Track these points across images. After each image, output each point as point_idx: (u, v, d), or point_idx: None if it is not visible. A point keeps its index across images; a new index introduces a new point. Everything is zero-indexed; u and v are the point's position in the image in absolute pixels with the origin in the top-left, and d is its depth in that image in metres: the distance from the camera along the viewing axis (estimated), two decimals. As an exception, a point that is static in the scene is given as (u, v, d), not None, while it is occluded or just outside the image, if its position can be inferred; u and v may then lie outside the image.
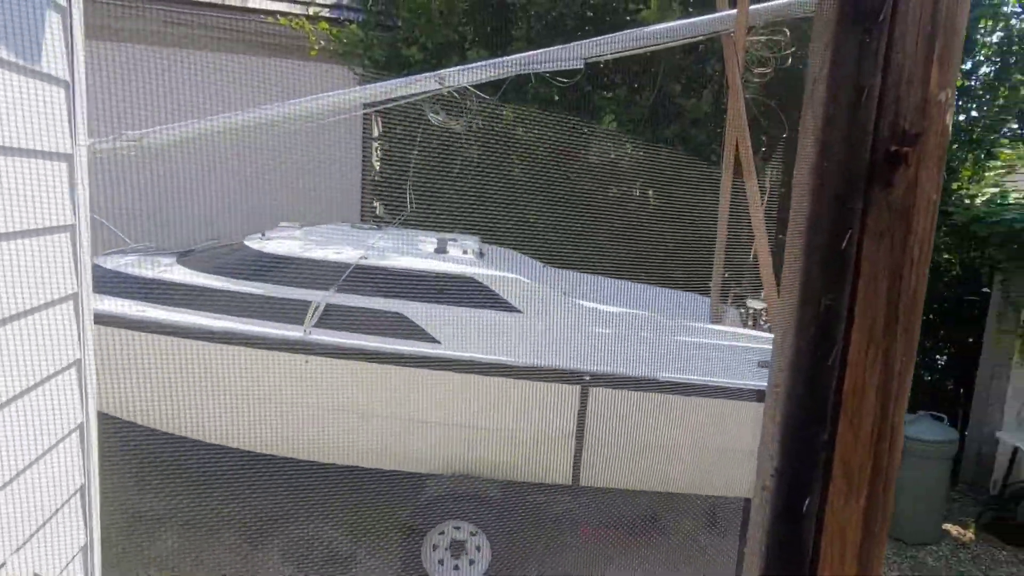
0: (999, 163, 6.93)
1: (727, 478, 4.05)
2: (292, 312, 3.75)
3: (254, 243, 4.19)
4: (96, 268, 3.83)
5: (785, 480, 0.66)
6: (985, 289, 6.32)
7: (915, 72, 0.60)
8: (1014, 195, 5.45)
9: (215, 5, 6.02)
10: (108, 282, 3.85)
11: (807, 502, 0.65)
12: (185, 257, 4.30)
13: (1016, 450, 5.41)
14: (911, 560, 4.80)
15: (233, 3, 6.13)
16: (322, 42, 5.82)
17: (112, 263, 4.07)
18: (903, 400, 0.68)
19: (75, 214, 1.85)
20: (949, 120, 0.64)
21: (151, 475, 4.03)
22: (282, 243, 4.20)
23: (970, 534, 5.24)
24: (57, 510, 1.84)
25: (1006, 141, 6.69)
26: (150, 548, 3.96)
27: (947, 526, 5.29)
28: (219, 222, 4.98)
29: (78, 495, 2.00)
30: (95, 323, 2.09)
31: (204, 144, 4.20)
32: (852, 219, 0.62)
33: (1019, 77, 6.21)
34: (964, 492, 6.00)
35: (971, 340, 6.37)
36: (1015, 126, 6.63)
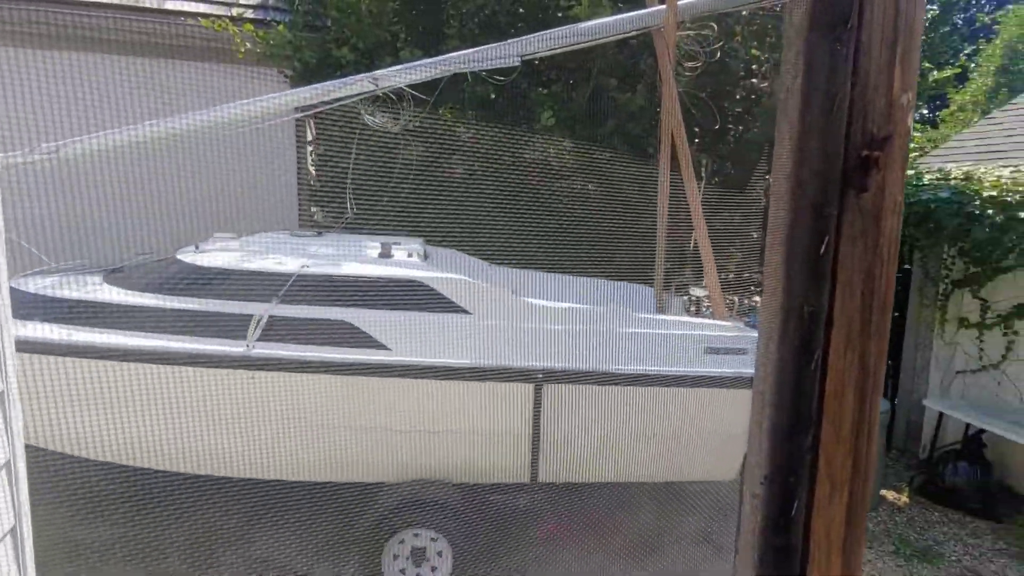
0: (912, 146, 7.36)
1: (683, 463, 4.15)
2: (233, 327, 3.61)
3: (187, 256, 4.00)
4: (14, 291, 3.58)
5: (774, 487, 0.66)
6: (907, 266, 6.71)
7: (881, 77, 0.61)
8: (927, 176, 5.79)
9: (130, 8, 5.71)
10: (29, 306, 3.60)
11: (795, 506, 0.66)
12: (113, 275, 4.07)
13: (941, 416, 5.77)
14: (853, 527, 5.05)
15: (149, 5, 5.83)
16: (248, 44, 5.61)
17: (33, 285, 3.81)
18: (878, 396, 0.70)
19: (-13, 236, 1.71)
20: (911, 122, 0.66)
21: (88, 507, 3.80)
22: (218, 255, 4.03)
23: (904, 498, 5.56)
24: (-15, 558, 1.70)
25: (918, 125, 7.11)
26: (91, 584, 3.73)
27: (884, 492, 5.59)
28: (147, 236, 4.73)
29: (8, 537, 1.86)
30: (17, 351, 1.94)
31: (127, 155, 3.98)
32: (828, 225, 0.63)
33: (927, 65, 6.60)
34: (897, 458, 6.37)
35: (896, 315, 6.75)
36: (925, 111, 7.04)
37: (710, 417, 3.98)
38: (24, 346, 3.34)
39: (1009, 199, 5.04)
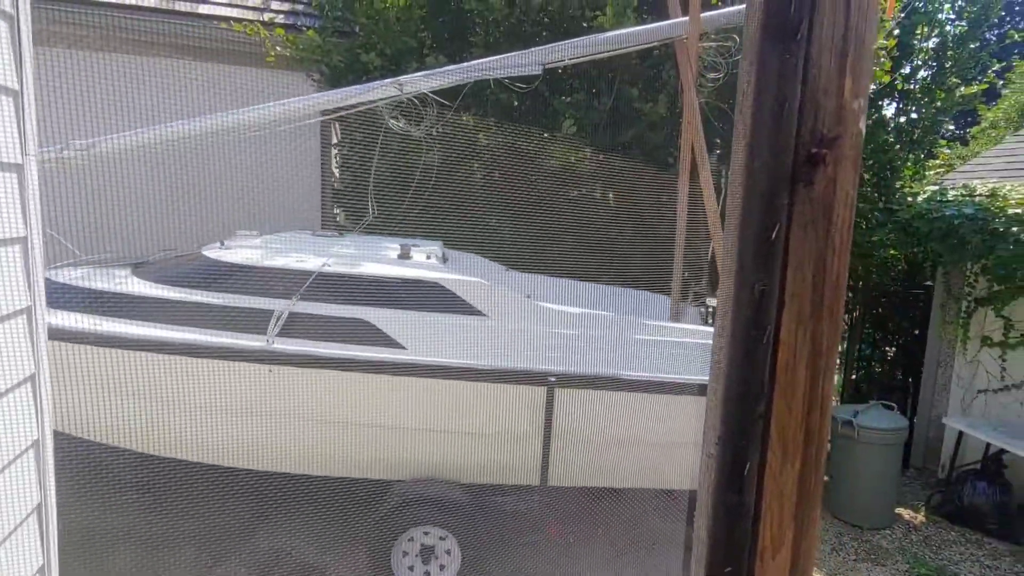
0: (938, 162, 7.28)
1: (694, 471, 4.14)
2: (254, 322, 3.71)
3: (212, 252, 4.12)
4: (47, 282, 3.72)
5: (728, 448, 0.71)
6: (929, 283, 6.63)
7: (830, 83, 0.67)
8: (952, 192, 5.73)
9: (165, 11, 5.91)
10: (61, 296, 3.74)
11: (747, 467, 0.71)
12: (140, 269, 4.20)
13: (961, 435, 5.68)
14: (867, 544, 4.98)
15: (183, 9, 6.02)
16: (278, 48, 5.76)
17: (64, 277, 3.95)
18: (831, 375, 0.74)
19: (27, 225, 1.80)
20: (862, 124, 0.71)
21: (108, 492, 3.92)
22: (241, 252, 4.14)
23: (921, 517, 5.48)
24: (13, 530, 1.79)
25: (944, 142, 7.03)
26: (109, 566, 3.85)
27: (899, 510, 5.51)
28: (173, 233, 4.87)
29: (35, 514, 1.95)
30: (49, 339, 2.04)
31: (156, 153, 4.12)
32: (780, 213, 0.68)
33: (954, 80, 6.54)
34: (914, 477, 6.27)
35: (917, 332, 6.67)
36: (952, 127, 6.97)
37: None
38: (54, 334, 3.48)
39: (1035, 217, 4.97)
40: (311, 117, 4.42)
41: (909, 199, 5.87)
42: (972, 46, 6.64)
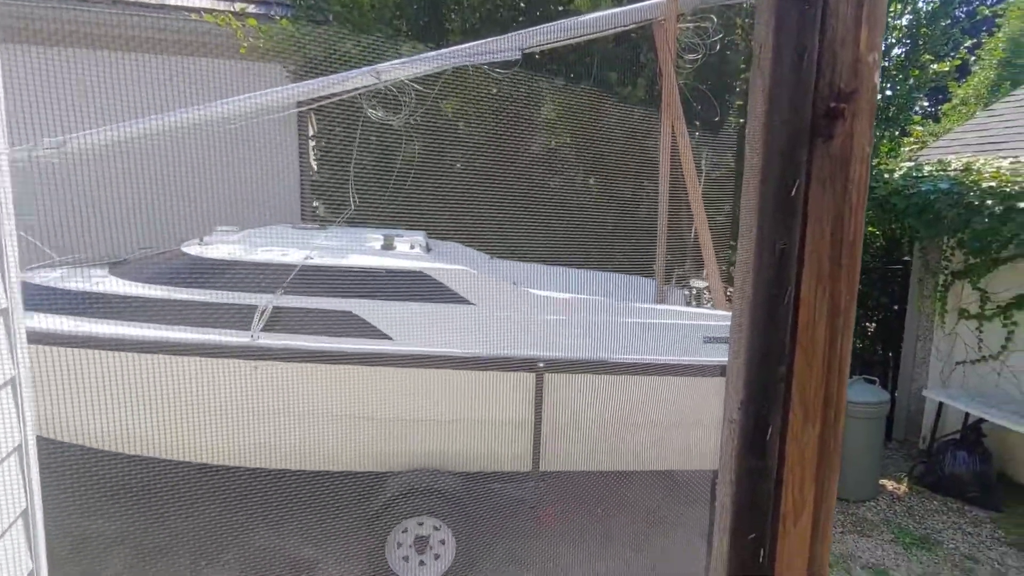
0: (912, 139, 7.38)
1: (682, 451, 4.19)
2: (238, 317, 3.66)
3: (192, 249, 4.05)
4: (23, 284, 3.62)
5: (750, 412, 0.71)
6: (906, 258, 6.73)
7: (847, 35, 0.66)
8: (927, 168, 5.81)
9: (135, 3, 5.75)
10: (38, 298, 3.65)
11: (770, 431, 0.70)
12: (118, 268, 4.12)
13: (941, 406, 5.80)
14: (852, 516, 5.08)
15: (152, 1, 5.87)
16: (251, 39, 5.65)
17: (40, 278, 3.86)
18: (848, 334, 0.74)
19: None
20: (877, 79, 0.70)
21: (95, 497, 3.85)
22: (222, 248, 4.08)
23: (904, 487, 5.59)
24: (0, 535, 1.75)
25: (918, 118, 7.11)
26: (99, 572, 3.79)
27: (883, 482, 5.62)
28: (150, 231, 4.77)
29: (21, 520, 1.91)
30: (28, 342, 1.99)
31: (129, 150, 4.02)
32: (799, 169, 0.67)
33: (927, 57, 6.62)
34: (896, 449, 6.40)
35: (896, 307, 6.78)
36: (926, 103, 7.05)
37: (709, 405, 4.01)
38: (33, 337, 3.39)
39: (1008, 190, 5.06)
40: (287, 109, 4.34)
41: (886, 176, 5.95)
42: (944, 23, 6.72)
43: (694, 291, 5.24)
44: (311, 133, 6.40)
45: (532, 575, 4.09)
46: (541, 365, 3.80)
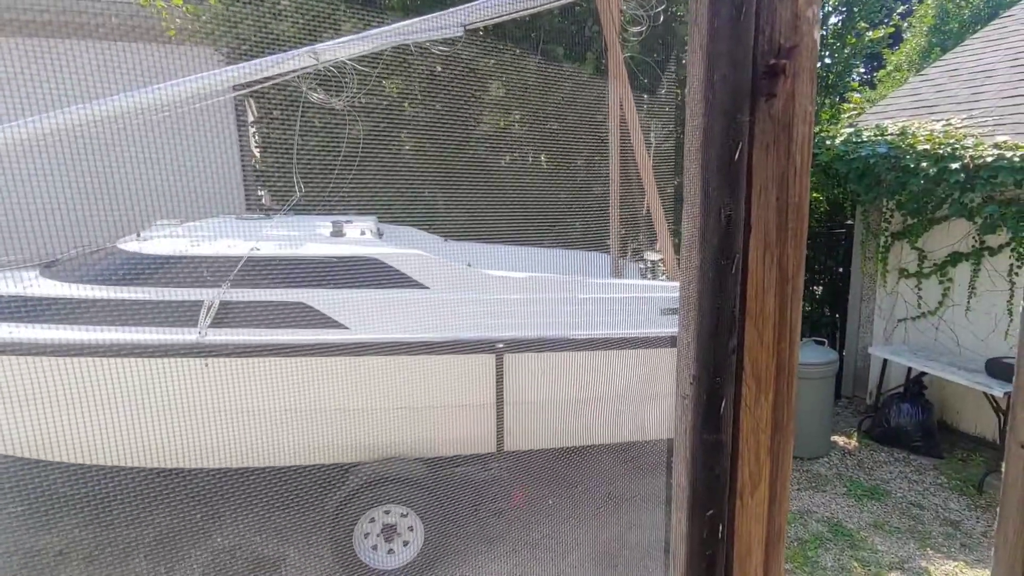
0: (851, 106, 7.59)
1: (643, 422, 4.26)
2: (183, 314, 3.51)
3: (130, 245, 3.86)
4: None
5: (702, 386, 0.70)
6: (849, 222, 6.96)
7: None
8: (866, 133, 5.99)
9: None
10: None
11: (723, 404, 0.69)
12: (50, 269, 3.89)
13: (885, 362, 6.06)
14: (807, 473, 5.29)
15: (68, -18, 5.49)
16: (178, 21, 5.37)
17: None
18: (798, 301, 0.73)
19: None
20: (817, 36, 0.68)
21: (43, 510, 3.69)
22: (163, 242, 3.90)
23: (854, 442, 5.84)
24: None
25: (856, 84, 7.30)
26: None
27: (835, 438, 5.86)
28: (81, 229, 4.52)
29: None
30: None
31: (51, 145, 3.78)
32: (741, 131, 0.65)
33: (863, 25, 6.78)
34: (845, 406, 6.67)
35: (841, 270, 7.02)
36: (863, 71, 7.24)
37: (669, 375, 4.08)
38: (-41, 346, 3.20)
39: (941, 152, 5.25)
40: (222, 94, 4.15)
41: (828, 142, 6.10)
42: (878, -10, 6.89)
43: (649, 264, 5.30)
44: (251, 119, 6.16)
45: (502, 553, 4.12)
46: (500, 346, 3.79)
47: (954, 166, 5.08)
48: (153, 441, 3.58)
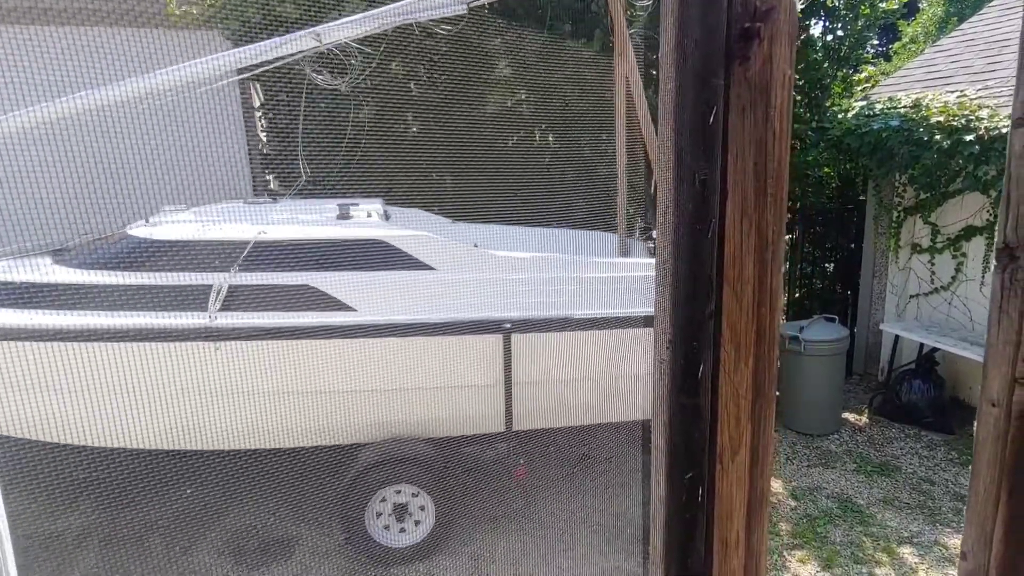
0: (864, 76, 7.44)
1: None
2: (193, 298, 3.55)
3: (140, 231, 3.89)
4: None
5: (679, 351, 0.70)
6: (861, 198, 6.87)
7: None
8: (878, 105, 5.88)
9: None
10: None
11: (701, 369, 0.70)
12: (62, 256, 3.94)
13: (897, 338, 6.01)
14: (818, 450, 5.28)
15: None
16: (183, 6, 5.35)
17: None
18: (778, 266, 0.73)
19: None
20: None
21: (62, 494, 3.77)
22: (172, 228, 3.93)
23: (865, 419, 5.82)
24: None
25: (869, 56, 7.15)
26: (71, 570, 3.74)
27: (845, 415, 5.84)
28: (91, 216, 4.56)
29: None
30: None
31: (58, 132, 3.80)
32: (716, 95, 0.65)
33: (876, -7, 6.62)
34: (857, 383, 6.64)
35: (853, 246, 6.94)
36: (876, 42, 7.09)
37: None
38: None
39: (955, 124, 5.15)
40: (226, 78, 4.14)
41: (839, 116, 6.00)
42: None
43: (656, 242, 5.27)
44: (257, 104, 6.16)
45: (513, 530, 4.17)
46: (508, 326, 3.80)
47: (968, 138, 4.98)
48: (165, 424, 3.64)
